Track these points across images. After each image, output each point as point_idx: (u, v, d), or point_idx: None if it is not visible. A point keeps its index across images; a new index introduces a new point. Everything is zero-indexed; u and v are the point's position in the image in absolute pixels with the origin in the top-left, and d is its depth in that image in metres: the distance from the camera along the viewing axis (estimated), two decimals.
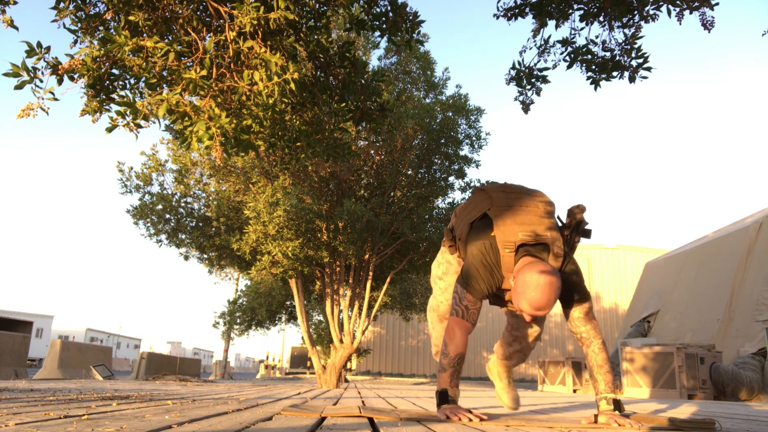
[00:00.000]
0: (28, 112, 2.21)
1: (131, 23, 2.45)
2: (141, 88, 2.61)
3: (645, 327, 12.49)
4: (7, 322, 12.16)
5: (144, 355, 11.02)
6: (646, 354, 7.98)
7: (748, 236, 10.20)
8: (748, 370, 7.74)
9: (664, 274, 13.22)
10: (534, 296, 1.91)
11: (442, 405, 1.99)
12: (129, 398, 2.89)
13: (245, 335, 17.66)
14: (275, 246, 8.41)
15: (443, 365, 2.04)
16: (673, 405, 4.41)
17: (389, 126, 8.66)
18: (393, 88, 10.17)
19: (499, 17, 3.35)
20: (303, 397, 3.72)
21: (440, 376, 2.04)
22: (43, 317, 35.80)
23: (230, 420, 1.73)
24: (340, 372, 10.27)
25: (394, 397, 4.13)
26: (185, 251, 11.24)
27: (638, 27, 3.20)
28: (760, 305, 9.03)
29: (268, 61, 2.31)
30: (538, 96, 3.61)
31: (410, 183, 10.41)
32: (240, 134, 2.61)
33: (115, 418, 1.64)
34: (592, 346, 2.10)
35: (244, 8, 2.32)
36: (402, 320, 18.17)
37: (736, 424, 2.38)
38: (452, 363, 2.03)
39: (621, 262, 30.18)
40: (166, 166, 10.30)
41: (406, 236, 9.77)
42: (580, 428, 1.80)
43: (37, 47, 2.27)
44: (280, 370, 31.06)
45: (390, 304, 16.17)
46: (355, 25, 2.96)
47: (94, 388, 4.44)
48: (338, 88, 3.10)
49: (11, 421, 1.46)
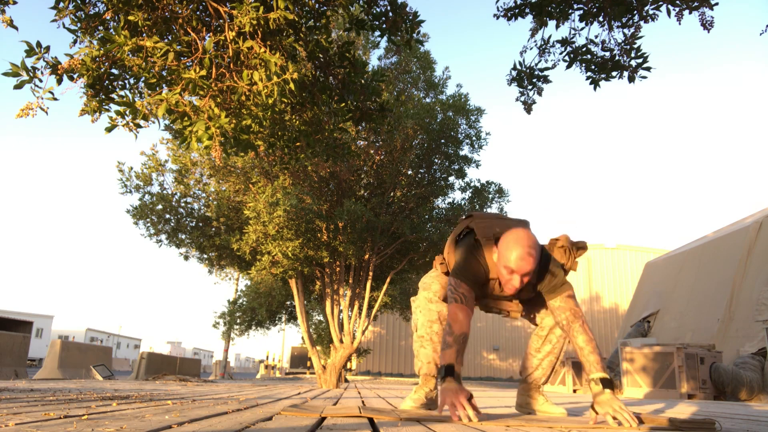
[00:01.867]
0: (28, 111, 2.21)
1: (131, 23, 2.45)
2: (140, 88, 2.61)
3: (645, 327, 12.49)
4: (7, 322, 12.15)
5: (144, 355, 11.03)
6: (646, 354, 7.98)
7: (748, 236, 10.20)
8: (748, 370, 7.74)
9: (664, 274, 13.23)
10: (515, 246, 2.08)
11: (447, 377, 1.99)
12: (129, 398, 2.89)
13: (245, 335, 17.68)
14: (275, 246, 8.41)
15: (448, 342, 2.06)
16: (672, 405, 4.41)
17: (389, 126, 8.65)
18: (393, 88, 10.16)
19: (499, 17, 3.35)
20: (303, 397, 3.72)
21: (445, 352, 2.05)
22: (43, 317, 35.81)
23: (230, 420, 1.73)
24: (340, 372, 10.28)
25: (394, 397, 4.13)
26: (185, 251, 11.24)
27: (638, 27, 3.20)
28: (760, 305, 9.04)
29: (267, 61, 2.31)
30: (540, 96, 3.61)
31: (410, 183, 10.42)
32: (239, 134, 2.61)
33: (115, 418, 1.64)
34: (572, 330, 2.16)
35: (243, 8, 2.32)
36: (402, 320, 18.17)
37: (736, 424, 2.38)
38: (458, 340, 2.05)
39: (621, 262, 30.19)
40: (166, 166, 10.31)
41: (406, 236, 9.77)
42: (580, 428, 1.80)
43: (37, 47, 2.27)
44: (280, 370, 31.07)
45: (390, 304, 16.17)
46: (355, 25, 2.96)
47: (94, 388, 4.44)
48: (338, 88, 3.10)
49: (11, 421, 1.46)
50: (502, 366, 29.89)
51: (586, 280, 29.59)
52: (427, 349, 2.49)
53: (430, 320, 2.49)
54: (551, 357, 2.51)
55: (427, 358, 2.49)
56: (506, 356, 30.05)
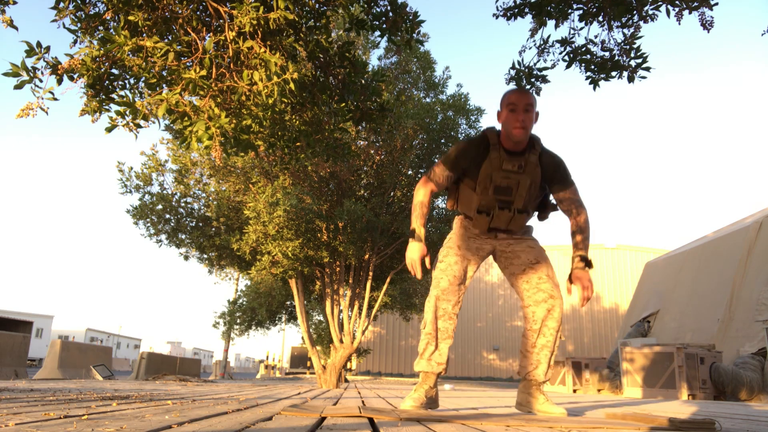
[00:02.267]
0: (28, 111, 2.21)
1: (131, 23, 2.45)
2: (141, 88, 2.61)
3: (645, 327, 12.49)
4: (7, 322, 12.16)
5: (144, 355, 11.02)
6: (646, 354, 7.98)
7: (748, 236, 10.20)
8: (748, 370, 7.74)
9: (664, 274, 13.22)
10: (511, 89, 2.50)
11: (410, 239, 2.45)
12: (129, 398, 2.89)
13: (245, 335, 17.67)
14: (275, 246, 8.40)
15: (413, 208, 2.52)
16: (672, 405, 4.41)
17: (389, 126, 8.65)
18: (393, 87, 10.16)
19: (499, 17, 3.35)
20: (303, 397, 3.72)
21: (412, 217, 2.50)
22: (43, 317, 35.78)
23: (230, 420, 1.73)
24: (340, 372, 10.27)
25: (394, 397, 4.13)
26: (185, 251, 11.24)
27: (637, 27, 3.20)
28: (760, 305, 9.03)
29: (267, 61, 2.31)
30: (538, 96, 3.61)
31: (410, 183, 10.41)
32: (240, 134, 2.61)
33: (115, 418, 1.64)
34: (573, 217, 2.53)
35: (243, 8, 2.32)
36: (402, 320, 18.15)
37: (736, 424, 2.38)
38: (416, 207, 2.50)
39: (621, 262, 30.18)
40: (166, 166, 10.30)
41: (406, 236, 9.76)
42: (580, 428, 1.80)
43: (37, 47, 2.27)
44: (280, 370, 31.06)
45: (390, 304, 16.16)
46: (355, 25, 2.96)
47: (94, 388, 4.44)
48: (338, 88, 3.10)
49: (11, 421, 1.46)
50: (502, 366, 29.89)
51: None
52: (432, 345, 2.49)
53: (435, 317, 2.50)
54: (546, 351, 2.51)
55: (428, 354, 2.50)
56: (506, 356, 30.05)
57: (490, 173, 2.43)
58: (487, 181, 2.44)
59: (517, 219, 2.50)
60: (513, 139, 2.40)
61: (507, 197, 2.45)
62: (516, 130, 2.36)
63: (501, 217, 2.48)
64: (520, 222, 2.52)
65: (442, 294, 2.47)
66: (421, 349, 2.52)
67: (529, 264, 2.54)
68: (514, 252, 2.58)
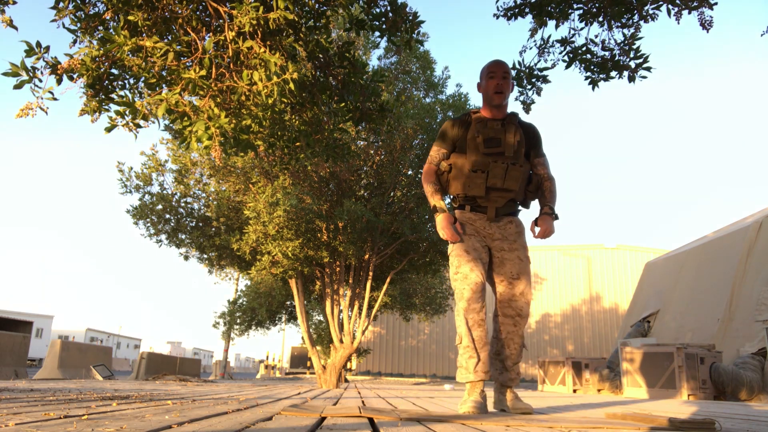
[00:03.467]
0: (27, 111, 2.21)
1: (130, 23, 2.45)
2: (140, 88, 2.61)
3: (645, 327, 12.48)
4: (7, 322, 12.16)
5: (144, 355, 11.02)
6: (646, 354, 7.98)
7: (748, 236, 10.20)
8: (748, 370, 7.74)
9: (664, 274, 13.22)
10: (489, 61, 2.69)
11: (435, 213, 2.61)
12: (129, 398, 2.89)
13: (245, 335, 17.65)
14: (275, 246, 8.40)
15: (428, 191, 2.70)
16: (673, 405, 4.41)
17: (389, 126, 8.64)
18: (393, 88, 10.16)
19: (499, 17, 3.35)
20: (303, 397, 3.72)
21: (429, 198, 2.70)
22: (43, 317, 35.75)
23: (230, 420, 1.73)
24: (340, 372, 10.27)
25: (394, 397, 4.13)
26: (185, 251, 11.23)
27: (637, 27, 3.20)
28: (760, 305, 9.03)
29: (267, 61, 2.31)
30: (539, 96, 3.61)
31: (410, 183, 10.40)
32: (239, 134, 2.61)
33: (115, 418, 1.64)
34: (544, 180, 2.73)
35: (243, 8, 2.32)
36: (402, 320, 18.15)
37: (736, 424, 2.38)
38: (427, 188, 2.70)
39: (621, 262, 30.16)
40: (166, 166, 10.30)
41: (406, 236, 9.76)
42: (580, 428, 1.80)
43: (37, 47, 2.27)
44: (280, 370, 31.06)
45: (390, 304, 16.16)
46: (354, 25, 2.96)
47: (94, 388, 4.44)
48: (338, 88, 3.10)
49: (11, 421, 1.46)
50: None
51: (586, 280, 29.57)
52: (474, 358, 2.52)
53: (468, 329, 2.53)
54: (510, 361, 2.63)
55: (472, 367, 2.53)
56: None
57: (478, 130, 2.62)
58: (476, 136, 2.61)
59: (512, 173, 2.59)
60: (493, 102, 2.62)
61: (497, 148, 2.59)
62: (495, 94, 2.60)
63: (496, 171, 2.57)
64: (515, 176, 2.60)
65: (468, 305, 2.53)
66: (463, 363, 2.55)
67: (511, 277, 2.65)
68: (502, 259, 2.67)
